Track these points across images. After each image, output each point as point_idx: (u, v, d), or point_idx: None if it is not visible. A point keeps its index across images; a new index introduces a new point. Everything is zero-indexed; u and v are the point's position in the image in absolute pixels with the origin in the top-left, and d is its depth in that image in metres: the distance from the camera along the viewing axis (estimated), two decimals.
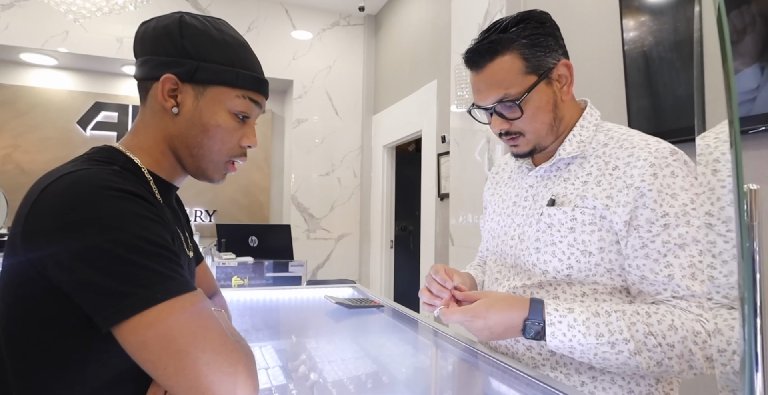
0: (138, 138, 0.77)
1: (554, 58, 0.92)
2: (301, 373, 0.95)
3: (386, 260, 4.50)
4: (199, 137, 0.75)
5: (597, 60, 2.01)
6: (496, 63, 0.90)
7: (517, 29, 0.90)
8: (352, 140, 4.90)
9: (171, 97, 0.74)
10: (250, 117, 0.79)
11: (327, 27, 4.83)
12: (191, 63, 0.73)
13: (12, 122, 4.32)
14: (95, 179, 0.63)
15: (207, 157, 0.77)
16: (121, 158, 0.73)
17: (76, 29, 4.00)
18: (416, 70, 3.96)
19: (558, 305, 0.85)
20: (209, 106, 0.74)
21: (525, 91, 0.90)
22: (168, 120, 0.75)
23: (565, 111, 0.96)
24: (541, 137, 0.95)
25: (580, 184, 0.93)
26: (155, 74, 0.73)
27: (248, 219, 5.00)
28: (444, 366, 1.09)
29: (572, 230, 0.91)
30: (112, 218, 0.60)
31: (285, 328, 1.40)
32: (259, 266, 3.07)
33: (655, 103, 1.69)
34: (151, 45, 0.74)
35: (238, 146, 0.79)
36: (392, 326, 1.37)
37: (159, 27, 0.74)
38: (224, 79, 0.74)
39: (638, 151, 0.88)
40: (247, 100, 0.77)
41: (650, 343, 0.79)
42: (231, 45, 0.76)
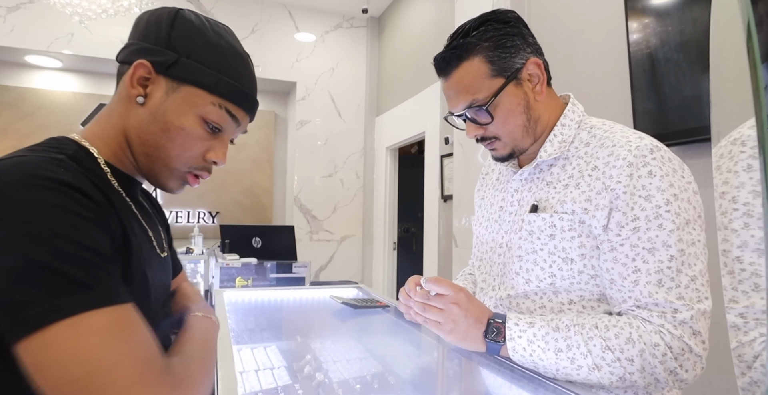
0: (99, 126, 0.70)
1: (522, 58, 0.89)
2: (307, 373, 0.95)
3: (389, 262, 4.50)
4: (157, 135, 0.67)
5: (602, 61, 2.00)
6: (462, 69, 0.88)
7: (479, 32, 0.88)
8: (355, 141, 4.90)
9: (141, 85, 0.67)
10: (222, 130, 0.71)
11: (330, 29, 4.84)
12: (172, 55, 0.67)
13: (17, 123, 4.33)
14: (24, 167, 0.54)
15: (162, 161, 0.69)
16: (72, 147, 0.65)
17: (81, 31, 4.01)
18: (419, 72, 3.96)
19: (520, 319, 0.84)
20: (178, 105, 0.67)
21: (492, 95, 0.87)
22: (131, 110, 0.68)
23: (542, 110, 0.93)
24: (517, 139, 0.92)
25: (562, 187, 0.90)
26: (131, 59, 0.67)
27: (251, 221, 5.00)
28: (451, 366, 1.09)
29: (552, 238, 0.89)
30: (30, 209, 0.50)
31: (290, 328, 1.40)
32: (262, 267, 3.07)
33: (661, 104, 1.69)
34: (140, 31, 0.69)
35: (201, 158, 0.71)
36: (398, 326, 1.36)
37: (154, 15, 0.70)
38: (202, 82, 0.67)
39: (618, 150, 0.84)
40: (223, 110, 0.69)
41: (608, 358, 0.77)
42: (224, 50, 0.70)
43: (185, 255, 3.52)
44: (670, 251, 0.78)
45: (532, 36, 0.93)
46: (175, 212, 4.84)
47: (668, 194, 0.79)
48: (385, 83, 4.77)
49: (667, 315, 0.77)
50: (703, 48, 1.54)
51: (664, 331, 0.76)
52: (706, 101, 1.53)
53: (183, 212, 4.86)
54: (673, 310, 0.77)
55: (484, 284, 1.04)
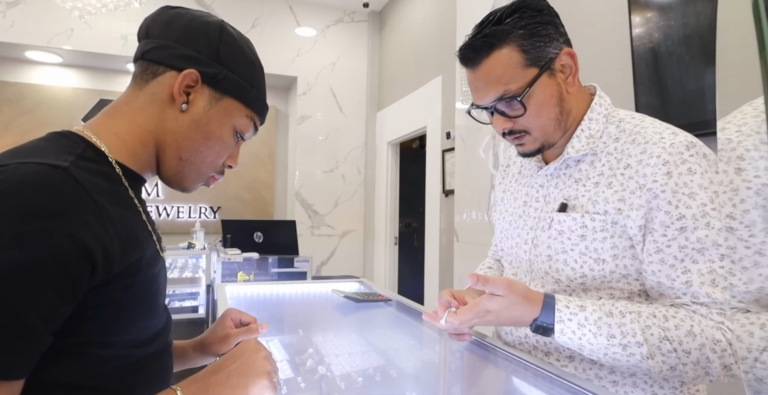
0: (116, 122, 0.68)
1: (555, 48, 0.85)
2: (309, 367, 0.95)
3: (390, 257, 4.50)
4: (197, 142, 0.71)
5: (605, 55, 1.99)
6: (493, 58, 0.84)
7: (513, 20, 0.84)
8: (356, 136, 4.89)
9: (184, 92, 0.69)
10: (244, 139, 0.77)
11: (331, 23, 4.82)
12: (220, 69, 0.70)
13: (18, 119, 4.33)
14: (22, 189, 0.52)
15: (195, 165, 0.72)
16: (81, 145, 0.63)
17: (81, 27, 4.00)
18: (421, 67, 3.95)
19: (570, 301, 0.81)
20: (220, 116, 0.71)
21: (526, 86, 0.83)
22: (168, 113, 0.69)
23: (572, 103, 0.90)
24: (548, 133, 0.89)
25: (592, 185, 0.88)
26: (177, 65, 0.68)
27: (252, 216, 5.01)
28: (453, 359, 1.09)
29: (583, 238, 0.87)
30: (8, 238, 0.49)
31: (292, 322, 1.40)
32: (264, 261, 3.07)
33: (664, 98, 1.68)
34: (182, 34, 0.69)
35: (221, 163, 0.76)
36: (400, 320, 1.37)
37: (196, 21, 0.71)
38: (243, 96, 0.72)
39: (651, 147, 0.81)
40: (251, 122, 0.76)
41: (665, 348, 0.75)
42: (256, 66, 0.76)
43: (187, 250, 3.52)
44: (720, 250, 0.76)
45: (563, 26, 0.89)
46: (177, 207, 4.84)
47: (710, 192, 0.77)
48: (386, 78, 4.75)
49: (726, 313, 0.76)
50: (706, 41, 1.53)
51: (725, 328, 0.75)
52: (710, 94, 1.52)
53: (184, 207, 4.87)
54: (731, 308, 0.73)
55: (515, 278, 1.02)
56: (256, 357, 0.69)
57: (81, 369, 0.57)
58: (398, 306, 1.44)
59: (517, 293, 0.81)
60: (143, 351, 0.65)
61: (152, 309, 0.67)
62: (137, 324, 0.63)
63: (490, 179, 2.67)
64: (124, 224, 0.60)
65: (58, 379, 0.56)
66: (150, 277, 0.65)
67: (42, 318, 0.50)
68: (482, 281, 0.81)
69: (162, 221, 4.78)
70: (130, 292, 0.61)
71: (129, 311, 0.61)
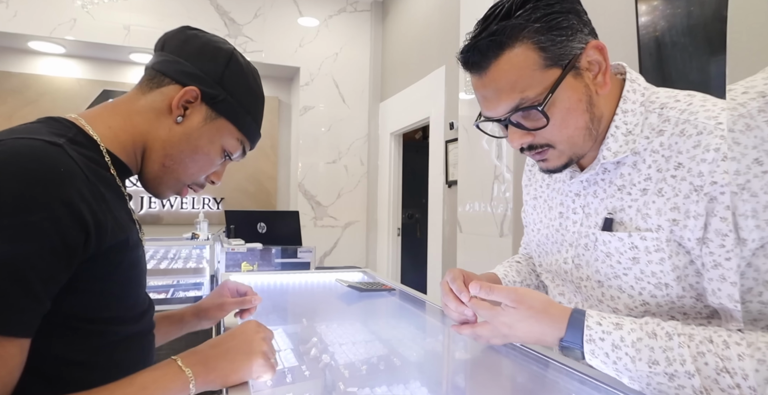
0: (113, 117, 0.73)
1: (580, 41, 0.70)
2: (313, 356, 0.96)
3: (393, 248, 4.51)
4: (184, 153, 0.75)
5: (611, 44, 1.97)
6: (504, 60, 0.69)
7: (525, 11, 0.69)
8: (359, 127, 4.88)
9: (182, 106, 0.74)
10: (231, 159, 0.82)
11: (334, 13, 4.79)
12: (221, 91, 0.75)
13: (22, 110, 4.34)
14: (20, 158, 0.56)
15: (176, 173, 0.77)
16: (72, 130, 0.67)
17: (84, 17, 3.99)
18: (424, 57, 3.93)
19: (603, 318, 0.68)
20: (211, 133, 0.76)
21: (548, 91, 0.68)
22: (163, 122, 0.74)
23: (604, 105, 0.74)
24: (577, 145, 0.74)
25: (639, 193, 0.73)
26: (182, 80, 0.74)
27: (255, 207, 5.02)
28: (456, 348, 1.09)
29: (635, 261, 0.73)
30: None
31: (296, 311, 1.41)
32: (267, 252, 3.08)
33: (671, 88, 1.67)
34: (194, 53, 0.75)
35: (204, 177, 0.81)
36: (404, 309, 1.37)
37: (210, 45, 0.77)
38: (237, 120, 0.77)
39: (706, 138, 0.65)
40: (240, 145, 0.80)
41: (724, 382, 0.59)
42: (257, 96, 0.81)
43: (191, 241, 3.54)
44: None
45: (586, 13, 0.74)
46: (180, 198, 4.85)
47: None
48: (389, 68, 4.73)
49: None
50: (713, 30, 1.52)
51: None
52: (714, 84, 1.51)
53: (188, 198, 4.88)
54: None
55: (561, 297, 0.91)
56: (254, 337, 0.73)
57: (69, 342, 0.61)
58: (402, 296, 1.45)
59: (530, 307, 0.70)
60: (128, 329, 0.69)
61: (137, 289, 0.72)
62: (122, 302, 0.68)
63: (493, 170, 2.67)
64: (112, 203, 0.65)
65: (48, 352, 0.59)
66: (135, 258, 0.70)
67: (42, 280, 0.53)
68: (486, 289, 0.71)
69: (165, 211, 4.80)
70: (118, 270, 0.65)
71: (116, 287, 0.65)
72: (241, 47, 4.45)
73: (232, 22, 4.44)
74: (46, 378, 0.60)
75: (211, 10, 4.37)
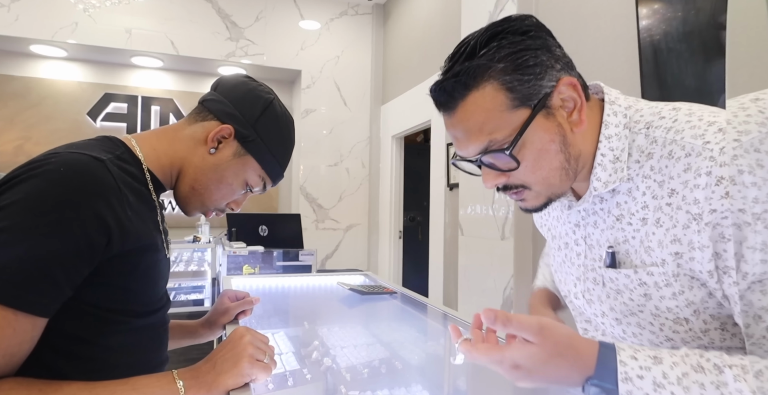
0: (160, 141, 0.86)
1: (551, 79, 0.66)
2: (315, 359, 0.96)
3: (395, 251, 4.51)
4: (210, 181, 0.86)
5: (611, 47, 1.98)
6: (470, 101, 0.66)
7: (489, 50, 0.65)
8: (360, 130, 4.89)
9: (217, 140, 0.85)
10: (252, 192, 0.92)
11: (335, 16, 4.80)
12: (253, 134, 0.86)
13: (23, 113, 4.35)
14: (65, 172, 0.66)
15: (201, 197, 0.87)
16: (121, 148, 0.80)
17: (85, 20, 4.00)
18: (425, 60, 3.93)
19: (638, 351, 0.59)
20: (237, 167, 0.86)
21: (516, 134, 0.65)
22: (198, 151, 0.85)
23: (583, 141, 0.70)
24: (554, 185, 0.70)
25: (639, 223, 0.68)
26: (222, 118, 0.86)
27: (257, 209, 5.01)
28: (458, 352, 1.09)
29: (647, 298, 0.68)
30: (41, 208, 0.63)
31: (298, 314, 1.40)
32: (269, 255, 3.08)
33: (670, 92, 1.67)
34: (238, 97, 0.87)
35: (225, 204, 0.91)
36: (406, 312, 1.37)
37: (253, 93, 0.88)
38: (262, 159, 0.88)
39: (695, 160, 0.61)
40: (262, 181, 0.91)
41: None
42: (286, 142, 0.91)
43: (192, 244, 3.54)
44: None
45: (560, 46, 0.70)
46: None
47: None
48: (390, 71, 4.74)
49: None
50: (714, 34, 1.52)
51: None
52: (716, 87, 1.51)
53: None
54: None
55: (585, 333, 0.85)
56: (239, 342, 0.76)
57: (90, 326, 0.70)
58: (403, 299, 1.44)
59: (555, 342, 0.58)
60: (140, 321, 0.77)
61: (153, 288, 0.80)
62: (138, 298, 0.76)
63: None
64: (140, 212, 0.76)
65: (72, 331, 0.69)
66: (154, 261, 0.79)
67: (64, 271, 0.63)
68: (503, 320, 0.59)
69: (168, 214, 4.80)
70: (137, 270, 0.74)
71: (133, 285, 0.74)
72: (242, 51, 4.46)
73: (234, 25, 4.45)
74: (62, 353, 0.69)
75: (213, 13, 4.38)
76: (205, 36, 4.35)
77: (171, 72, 4.84)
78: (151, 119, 4.79)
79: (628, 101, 0.73)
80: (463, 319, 1.15)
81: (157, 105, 4.77)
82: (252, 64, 4.56)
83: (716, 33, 1.50)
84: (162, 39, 4.22)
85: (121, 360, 0.74)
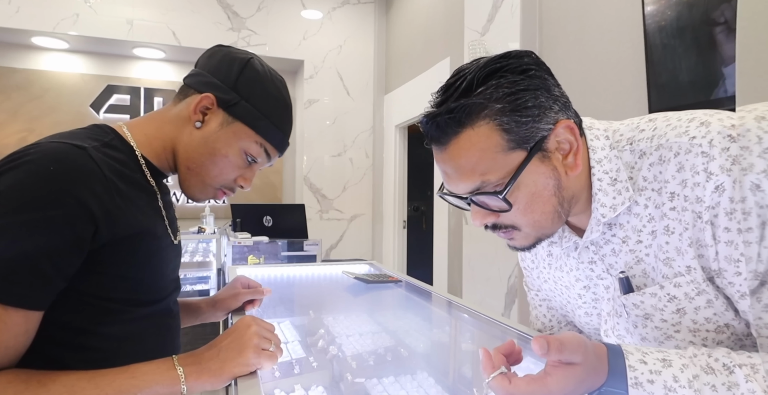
0: (149, 125, 0.83)
1: (548, 121, 0.64)
2: (321, 347, 0.96)
3: (399, 241, 4.51)
4: (203, 156, 0.81)
5: (616, 33, 1.96)
6: (463, 139, 0.64)
7: (487, 89, 0.63)
8: (363, 120, 4.87)
9: (201, 112, 0.81)
10: (256, 163, 0.86)
11: (337, 5, 4.76)
12: (235, 97, 0.81)
13: (26, 105, 4.35)
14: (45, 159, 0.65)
15: (200, 176, 0.83)
16: (110, 135, 0.77)
17: (86, 11, 3.98)
18: (428, 48, 3.90)
19: (646, 354, 0.58)
20: (228, 137, 0.81)
21: (510, 177, 0.63)
22: (185, 128, 0.82)
23: (576, 182, 0.68)
24: (545, 228, 0.68)
25: (649, 238, 0.66)
26: (201, 88, 0.81)
27: (261, 200, 5.02)
28: (463, 339, 1.09)
29: (681, 313, 0.64)
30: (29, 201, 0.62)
31: (303, 303, 1.41)
32: (273, 245, 3.09)
33: (677, 76, 1.65)
34: (213, 65, 0.83)
35: (232, 181, 0.86)
36: (410, 300, 1.37)
37: (228, 56, 0.83)
38: (253, 123, 0.81)
39: (685, 157, 0.60)
40: (262, 148, 0.84)
41: None
42: (276, 100, 0.84)
43: (197, 235, 3.55)
44: None
45: (558, 85, 0.68)
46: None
47: None
48: (393, 60, 4.70)
49: None
50: (713, 21, 1.49)
51: None
52: (724, 74, 1.49)
53: None
54: None
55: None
56: (245, 332, 0.75)
57: (91, 316, 0.70)
58: (408, 287, 1.45)
59: (593, 355, 0.56)
60: (144, 310, 0.76)
61: (155, 276, 0.78)
62: (139, 286, 0.75)
63: None
64: (132, 199, 0.73)
65: (73, 323, 0.68)
66: (155, 248, 0.77)
67: (52, 263, 0.62)
68: (557, 347, 0.54)
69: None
70: (135, 257, 0.73)
71: (132, 272, 0.73)
72: (244, 41, 4.44)
73: (236, 15, 4.42)
74: (66, 345, 0.68)
75: (214, 3, 4.36)
76: (207, 26, 4.33)
77: (173, 63, 4.82)
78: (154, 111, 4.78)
79: (603, 124, 0.72)
80: (468, 307, 1.15)
81: (160, 96, 4.76)
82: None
83: (722, 17, 1.48)
84: (164, 30, 4.20)
85: (127, 349, 0.73)
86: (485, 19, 2.71)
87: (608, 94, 1.99)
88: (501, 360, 0.59)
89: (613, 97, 1.96)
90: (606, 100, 2.00)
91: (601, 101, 2.02)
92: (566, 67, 2.21)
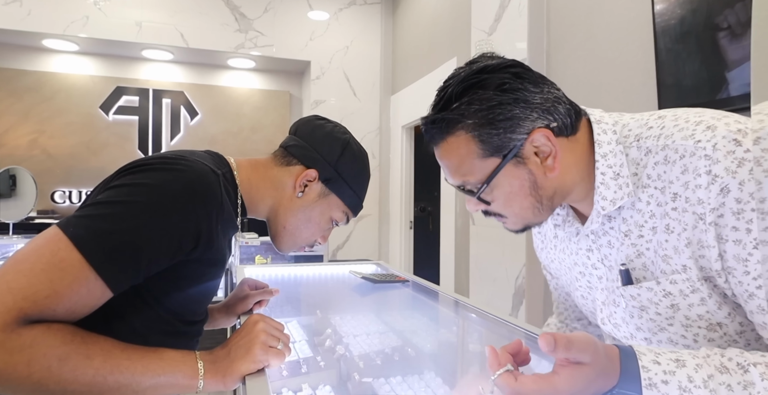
0: (253, 174, 0.91)
1: (522, 131, 0.68)
2: (328, 347, 0.96)
3: (405, 241, 4.51)
4: (300, 221, 0.93)
5: (624, 32, 1.94)
6: (447, 145, 0.72)
7: (461, 104, 0.68)
8: (370, 120, 4.87)
9: (303, 184, 0.91)
10: (338, 225, 0.98)
11: (344, 6, 4.77)
12: (335, 175, 0.92)
13: (37, 107, 4.39)
14: (190, 173, 0.73)
15: (293, 236, 0.94)
16: (228, 168, 0.87)
17: (96, 14, 4.02)
18: (435, 49, 3.90)
19: (659, 355, 0.57)
20: (323, 207, 0.93)
21: (485, 180, 0.70)
22: (286, 194, 0.92)
23: (558, 182, 0.71)
24: (528, 218, 0.74)
25: (650, 234, 0.68)
26: (306, 162, 0.92)
27: None
28: (470, 340, 1.09)
29: (675, 309, 0.67)
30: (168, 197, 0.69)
31: (310, 303, 1.41)
32: None
33: (687, 75, 1.64)
34: (317, 141, 0.93)
35: (314, 239, 0.97)
36: (418, 300, 1.37)
37: (331, 135, 0.94)
38: (344, 197, 0.94)
39: (689, 160, 0.61)
40: (345, 216, 0.97)
41: None
42: (364, 177, 0.97)
43: None
44: None
45: (540, 90, 0.70)
46: None
47: None
48: (399, 61, 4.70)
49: None
50: (724, 19, 1.48)
51: None
52: (735, 75, 1.48)
53: None
54: None
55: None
56: (253, 329, 0.78)
57: (143, 319, 0.74)
58: (415, 287, 1.45)
59: (603, 356, 0.56)
60: (185, 328, 0.81)
61: (203, 297, 0.84)
62: (191, 306, 0.81)
63: None
64: (226, 231, 0.81)
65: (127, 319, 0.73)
66: (215, 272, 0.83)
67: (149, 260, 0.67)
68: (565, 345, 0.54)
69: None
70: (202, 278, 0.79)
71: (194, 291, 0.79)
72: (251, 42, 4.46)
73: (243, 16, 4.44)
74: (107, 332, 0.70)
75: (222, 5, 4.38)
76: (215, 28, 4.35)
77: (181, 65, 4.85)
78: (163, 112, 4.81)
79: (613, 118, 0.74)
80: (476, 307, 1.15)
81: (168, 98, 4.80)
82: (261, 56, 4.56)
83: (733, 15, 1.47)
84: (172, 32, 4.23)
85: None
86: (492, 18, 2.70)
87: (617, 93, 1.98)
88: (507, 359, 0.59)
89: (622, 96, 1.95)
90: (614, 99, 1.99)
91: (609, 101, 2.01)
92: (574, 67, 2.20)
